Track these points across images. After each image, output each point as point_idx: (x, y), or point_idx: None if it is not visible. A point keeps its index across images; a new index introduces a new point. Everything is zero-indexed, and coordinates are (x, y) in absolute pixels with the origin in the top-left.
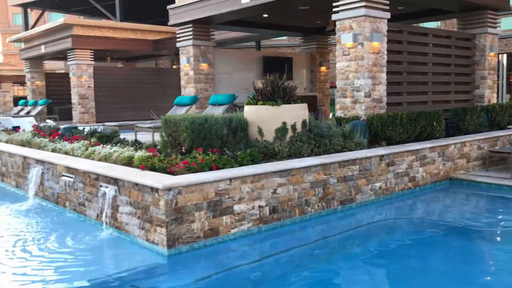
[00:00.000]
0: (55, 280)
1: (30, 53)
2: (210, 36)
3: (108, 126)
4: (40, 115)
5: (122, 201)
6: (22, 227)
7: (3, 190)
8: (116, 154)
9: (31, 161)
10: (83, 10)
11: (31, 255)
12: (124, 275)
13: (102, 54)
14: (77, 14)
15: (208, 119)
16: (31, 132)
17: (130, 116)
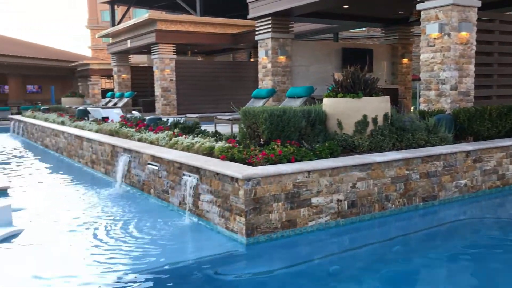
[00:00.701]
0: (138, 263)
1: (117, 48)
2: (289, 29)
3: (190, 118)
4: (126, 107)
5: (203, 190)
6: (110, 211)
7: (93, 176)
8: (197, 145)
9: (119, 150)
10: (165, 5)
11: (117, 237)
12: (205, 260)
13: (184, 48)
14: (159, 10)
15: (287, 111)
16: (119, 122)
17: (209, 108)
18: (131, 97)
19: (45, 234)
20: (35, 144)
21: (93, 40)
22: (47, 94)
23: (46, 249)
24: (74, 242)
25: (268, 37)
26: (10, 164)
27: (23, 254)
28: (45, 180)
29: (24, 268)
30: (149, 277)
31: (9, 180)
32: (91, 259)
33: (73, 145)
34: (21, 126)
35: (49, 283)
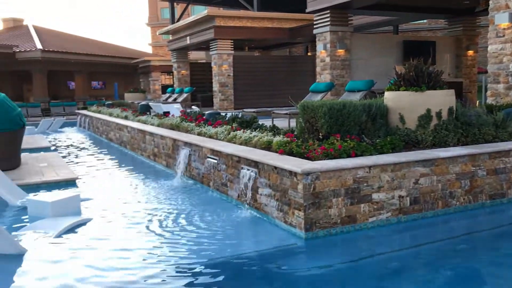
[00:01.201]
0: (198, 255)
1: (177, 45)
2: (348, 22)
3: (247, 112)
4: (185, 102)
5: (262, 183)
6: (171, 203)
7: (155, 169)
8: (255, 139)
9: (180, 143)
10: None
11: (177, 229)
12: (263, 253)
13: (241, 43)
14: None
15: (347, 105)
16: (179, 117)
17: (265, 103)
18: (190, 93)
19: (111, 224)
20: (100, 137)
21: (154, 37)
22: (110, 90)
23: (110, 238)
24: (136, 232)
25: (327, 30)
26: (78, 157)
27: (91, 243)
28: (110, 172)
29: (90, 256)
30: (209, 269)
31: (77, 171)
32: (152, 251)
33: (136, 138)
34: (87, 120)
35: (111, 274)
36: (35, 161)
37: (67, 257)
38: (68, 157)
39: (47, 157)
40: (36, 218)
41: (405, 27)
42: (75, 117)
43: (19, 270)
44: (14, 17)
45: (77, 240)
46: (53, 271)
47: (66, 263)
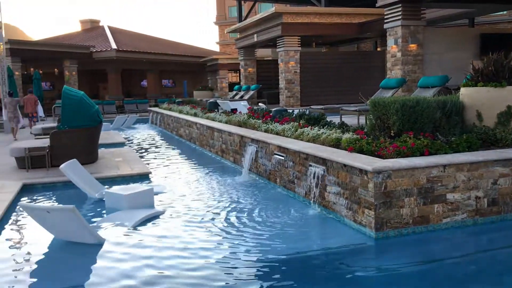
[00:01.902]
0: (264, 251)
1: (244, 42)
2: (420, 15)
3: (315, 109)
4: (251, 99)
5: (330, 181)
6: (238, 199)
7: (223, 165)
8: (323, 136)
9: (247, 140)
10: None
11: (244, 224)
12: (331, 251)
13: (308, 39)
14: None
15: (420, 101)
16: (246, 114)
17: (333, 100)
18: (256, 90)
19: (181, 217)
20: (170, 134)
21: (221, 35)
22: (180, 88)
23: (181, 231)
24: (204, 227)
25: (398, 24)
26: (150, 152)
27: (162, 235)
28: (180, 166)
29: (161, 248)
30: (275, 266)
31: (150, 166)
32: (218, 246)
33: (204, 135)
34: (158, 117)
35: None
36: (111, 155)
37: (141, 248)
38: (141, 152)
39: (122, 152)
40: (112, 210)
41: (481, 20)
42: (147, 114)
43: (98, 258)
44: (91, 19)
45: (151, 231)
46: (128, 260)
47: (140, 253)
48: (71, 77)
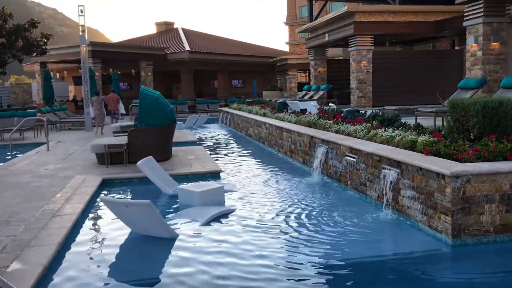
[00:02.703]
0: (333, 253)
1: (315, 42)
2: (505, 11)
3: (388, 110)
4: (321, 99)
5: (405, 185)
6: (306, 200)
7: (292, 165)
8: (398, 138)
9: (317, 141)
10: None
11: (313, 226)
12: (404, 257)
13: (381, 38)
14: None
15: (504, 103)
16: (316, 114)
17: (407, 100)
18: (326, 90)
19: (251, 216)
20: (240, 133)
21: (291, 35)
22: (249, 88)
23: (250, 231)
24: (273, 227)
25: (479, 22)
26: (220, 151)
27: (233, 232)
28: (249, 166)
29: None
30: (345, 269)
31: (220, 164)
32: (287, 247)
33: (273, 135)
34: (228, 117)
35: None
36: (183, 153)
37: (212, 244)
38: (212, 151)
39: (194, 151)
40: (185, 206)
41: None
42: (218, 114)
43: (172, 252)
44: (166, 21)
45: (222, 228)
46: (200, 255)
47: (211, 249)
48: (147, 77)
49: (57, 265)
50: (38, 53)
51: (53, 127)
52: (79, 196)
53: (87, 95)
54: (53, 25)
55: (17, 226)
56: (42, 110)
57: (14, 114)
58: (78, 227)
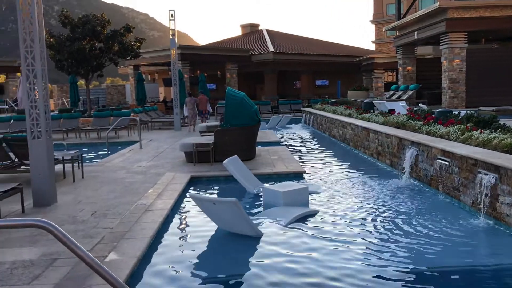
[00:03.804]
0: (421, 260)
1: (403, 40)
2: None
3: (484, 111)
4: (410, 99)
5: (503, 191)
6: (393, 203)
7: (378, 167)
8: (496, 140)
9: (406, 143)
10: None
11: (397, 231)
12: (503, 267)
13: (476, 35)
14: None
15: None
16: (405, 115)
17: (504, 101)
18: (415, 90)
19: (334, 219)
20: (323, 134)
21: (377, 34)
22: (333, 88)
23: (333, 233)
24: (357, 230)
25: None
26: (303, 151)
27: (316, 234)
28: (334, 167)
29: (314, 246)
30: (434, 277)
31: (303, 165)
32: (371, 251)
33: (359, 136)
34: (311, 117)
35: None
36: (267, 153)
37: (296, 243)
38: (295, 151)
39: (277, 151)
40: (269, 206)
41: None
42: (301, 115)
43: (256, 251)
44: (251, 23)
45: (304, 230)
46: (283, 255)
47: (294, 248)
48: (232, 78)
49: (149, 258)
50: (132, 56)
51: (145, 126)
52: (170, 192)
53: (176, 96)
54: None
55: (113, 219)
56: (135, 110)
57: (110, 114)
58: (169, 221)
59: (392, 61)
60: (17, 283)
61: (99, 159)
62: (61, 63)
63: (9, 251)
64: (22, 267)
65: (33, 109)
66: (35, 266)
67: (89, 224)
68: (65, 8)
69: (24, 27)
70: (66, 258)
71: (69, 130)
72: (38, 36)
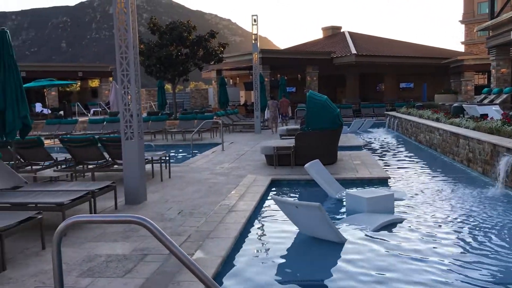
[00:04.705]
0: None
1: (497, 41)
2: None
3: None
4: (504, 103)
5: None
6: (485, 214)
7: (469, 175)
8: None
9: (501, 150)
10: None
11: (490, 243)
12: None
13: None
14: None
15: None
16: (499, 120)
17: None
18: (510, 93)
19: (421, 228)
20: (408, 139)
21: (467, 34)
22: (418, 91)
23: (419, 243)
24: (445, 241)
25: None
26: (387, 157)
27: (401, 243)
28: (420, 174)
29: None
30: None
31: (388, 170)
32: (459, 262)
33: (447, 142)
34: (396, 122)
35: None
36: (348, 158)
37: (380, 251)
38: (378, 156)
39: (359, 155)
40: (352, 212)
41: None
42: (384, 118)
43: (339, 257)
44: (333, 25)
45: (389, 238)
46: (366, 262)
47: (377, 257)
48: (312, 81)
49: (233, 258)
50: (215, 61)
51: (226, 129)
52: (251, 194)
53: (257, 100)
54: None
55: (199, 218)
56: (217, 113)
57: (194, 117)
58: (251, 223)
59: (483, 63)
60: (112, 275)
61: (184, 160)
62: (150, 68)
63: (104, 245)
64: (116, 261)
65: (126, 112)
66: (128, 260)
67: (176, 222)
68: (153, 15)
69: (120, 35)
70: (156, 254)
71: (157, 132)
72: (132, 43)
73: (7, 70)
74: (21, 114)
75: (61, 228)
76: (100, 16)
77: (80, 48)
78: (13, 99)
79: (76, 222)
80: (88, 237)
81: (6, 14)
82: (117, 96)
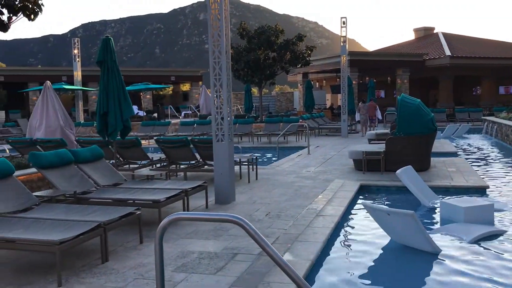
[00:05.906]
0: None
1: None
2: None
3: None
4: None
5: None
6: None
7: None
8: None
9: None
10: None
11: None
12: None
13: None
14: None
15: None
16: None
17: None
18: None
19: None
20: (509, 146)
21: None
22: None
23: None
24: None
25: None
26: (485, 164)
27: (502, 256)
28: None
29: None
30: None
31: (486, 179)
32: None
33: None
34: (495, 127)
35: None
36: (442, 165)
37: (478, 264)
38: (475, 164)
39: (454, 162)
40: (447, 221)
41: None
42: (480, 124)
43: (433, 268)
44: (425, 26)
45: (490, 250)
46: (463, 275)
47: (474, 271)
48: (402, 84)
49: (321, 262)
50: (302, 64)
51: (312, 132)
52: (339, 199)
53: (345, 103)
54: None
55: (286, 221)
56: (303, 116)
57: (280, 120)
58: (339, 228)
59: None
60: (204, 272)
61: (269, 163)
62: (238, 72)
63: (197, 242)
64: (208, 258)
65: (218, 115)
66: (219, 258)
67: (264, 223)
68: (242, 21)
69: (214, 40)
70: (246, 254)
71: (243, 134)
72: (225, 48)
73: (110, 74)
74: (124, 117)
75: (164, 224)
76: (191, 23)
77: (172, 53)
78: (115, 102)
79: (178, 218)
80: (181, 234)
81: (106, 22)
82: (206, 100)
